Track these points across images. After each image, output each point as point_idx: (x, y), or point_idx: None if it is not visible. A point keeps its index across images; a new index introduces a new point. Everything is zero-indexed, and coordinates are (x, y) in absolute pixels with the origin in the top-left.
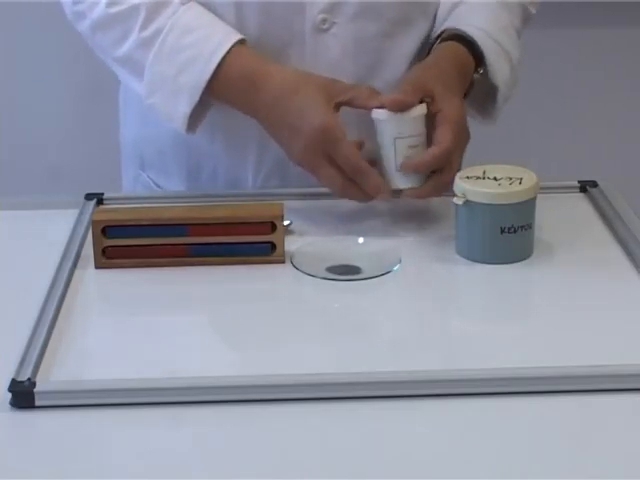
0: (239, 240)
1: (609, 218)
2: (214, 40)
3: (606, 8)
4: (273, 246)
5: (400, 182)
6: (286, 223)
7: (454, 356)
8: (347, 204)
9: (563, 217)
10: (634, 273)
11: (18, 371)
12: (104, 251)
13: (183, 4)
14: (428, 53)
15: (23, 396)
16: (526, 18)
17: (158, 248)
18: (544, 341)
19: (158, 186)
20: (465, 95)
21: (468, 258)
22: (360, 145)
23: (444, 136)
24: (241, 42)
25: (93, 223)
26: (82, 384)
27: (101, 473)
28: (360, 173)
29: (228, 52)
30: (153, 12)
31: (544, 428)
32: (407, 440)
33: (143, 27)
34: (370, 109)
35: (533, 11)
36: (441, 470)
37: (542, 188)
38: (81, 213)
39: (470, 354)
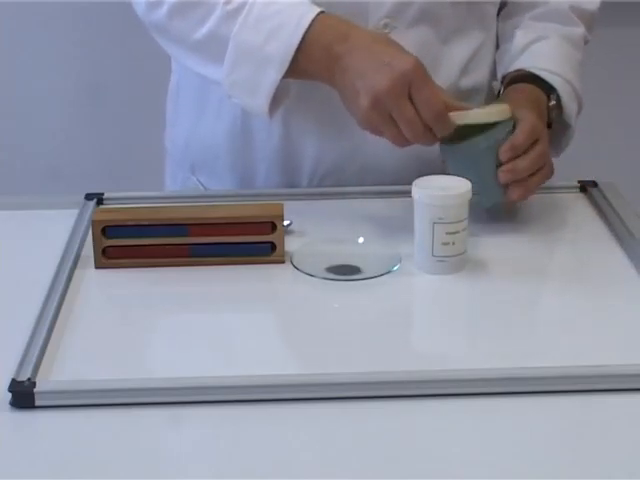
0: (239, 240)
1: (609, 218)
2: (300, 8)
3: (606, 8)
4: (273, 246)
5: (433, 269)
6: (286, 223)
7: (454, 356)
8: (347, 204)
9: (563, 217)
10: (634, 273)
11: (18, 371)
12: (104, 251)
13: None
14: (502, 82)
15: (23, 396)
16: (585, 46)
17: (158, 248)
18: (544, 341)
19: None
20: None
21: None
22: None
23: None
24: (329, 15)
25: (93, 223)
26: (82, 384)
27: (101, 473)
28: (439, 116)
29: (316, 17)
30: None
31: (544, 428)
32: (407, 440)
33: (228, 1)
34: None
35: (590, 37)
36: (441, 470)
37: (542, 188)
38: (81, 213)
39: (470, 354)
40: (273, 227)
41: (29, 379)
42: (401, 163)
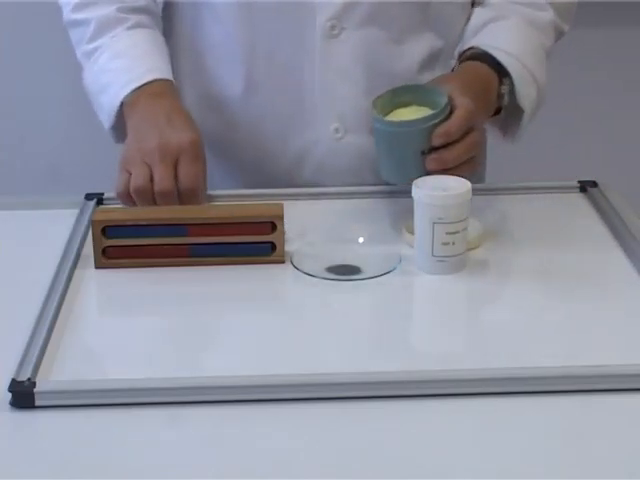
0: (239, 240)
1: (609, 218)
2: (133, 73)
3: (606, 8)
4: (273, 246)
5: (433, 269)
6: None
7: (454, 356)
8: (347, 204)
9: (563, 217)
10: (634, 273)
11: (18, 371)
12: (104, 251)
13: (129, 29)
14: (459, 60)
15: (23, 396)
16: (558, 36)
17: (158, 248)
18: (544, 341)
19: None
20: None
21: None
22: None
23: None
24: (164, 80)
25: (93, 223)
26: (82, 384)
27: (101, 473)
28: (193, 194)
29: (138, 87)
30: (100, 30)
31: (544, 428)
32: (407, 440)
33: (89, 41)
34: None
35: (566, 28)
36: (442, 470)
37: (542, 188)
38: (81, 213)
39: (470, 354)
40: (273, 227)
41: (29, 379)
42: (354, 160)
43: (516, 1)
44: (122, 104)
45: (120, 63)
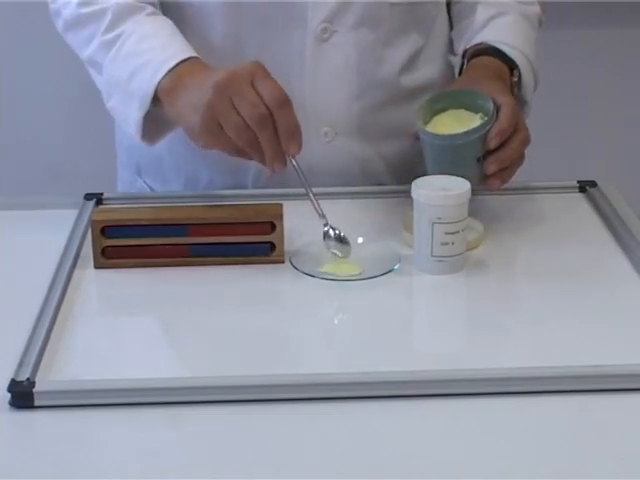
0: (239, 240)
1: (609, 218)
2: (169, 50)
3: (606, 8)
4: (273, 246)
5: (433, 269)
6: None
7: (454, 356)
8: (347, 204)
9: (563, 217)
10: (634, 273)
11: (17, 371)
12: (103, 251)
13: (149, 15)
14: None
15: (22, 396)
16: (540, 26)
17: (158, 248)
18: (544, 341)
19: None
20: None
21: None
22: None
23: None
24: (196, 58)
25: (92, 223)
26: (82, 384)
27: (101, 473)
28: (282, 104)
29: (179, 63)
30: (119, 17)
31: (544, 428)
32: (407, 440)
33: (107, 30)
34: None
35: (544, 19)
36: (441, 470)
37: (542, 188)
38: (80, 213)
39: (470, 354)
40: (273, 227)
41: (28, 379)
42: (343, 163)
43: None
44: (159, 85)
45: (152, 43)
